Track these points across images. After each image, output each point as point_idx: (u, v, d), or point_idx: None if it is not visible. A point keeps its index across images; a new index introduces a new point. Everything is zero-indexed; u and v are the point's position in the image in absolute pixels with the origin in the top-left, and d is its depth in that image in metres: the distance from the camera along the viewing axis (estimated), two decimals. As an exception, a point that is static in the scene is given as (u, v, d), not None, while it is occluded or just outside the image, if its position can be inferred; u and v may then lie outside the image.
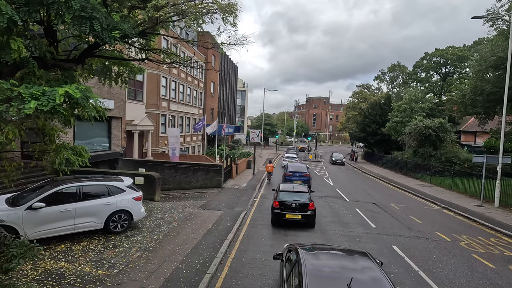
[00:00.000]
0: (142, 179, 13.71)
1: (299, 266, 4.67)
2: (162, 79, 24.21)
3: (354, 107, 64.24)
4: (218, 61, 40.75)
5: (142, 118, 20.89)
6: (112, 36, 4.73)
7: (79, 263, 7.39)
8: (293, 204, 11.26)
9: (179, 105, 27.74)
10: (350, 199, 17.30)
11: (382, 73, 67.25)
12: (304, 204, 11.31)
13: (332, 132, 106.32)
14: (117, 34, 4.73)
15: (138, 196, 9.88)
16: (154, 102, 23.55)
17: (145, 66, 23.12)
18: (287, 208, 11.27)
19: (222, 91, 46.15)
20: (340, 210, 14.63)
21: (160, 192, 14.36)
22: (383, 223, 12.59)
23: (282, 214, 11.26)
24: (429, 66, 57.21)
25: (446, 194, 19.86)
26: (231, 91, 53.58)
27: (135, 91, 21.34)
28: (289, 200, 11.38)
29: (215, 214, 12.58)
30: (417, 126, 28.50)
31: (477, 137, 40.73)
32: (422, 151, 28.42)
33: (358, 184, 24.13)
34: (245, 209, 13.71)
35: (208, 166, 18.61)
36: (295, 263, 4.95)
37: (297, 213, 11.18)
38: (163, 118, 24.93)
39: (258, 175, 25.62)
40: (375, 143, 40.59)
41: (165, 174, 18.84)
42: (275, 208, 11.42)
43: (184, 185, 18.75)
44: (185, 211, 12.61)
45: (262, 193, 18.31)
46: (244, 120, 75.06)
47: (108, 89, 17.55)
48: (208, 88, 36.08)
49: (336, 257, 5.34)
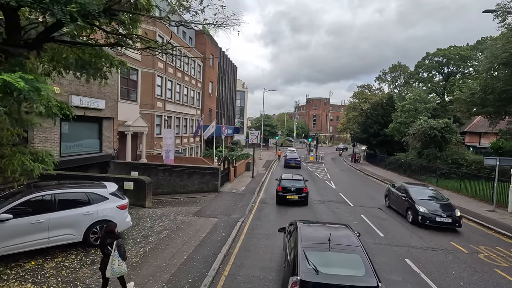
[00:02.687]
0: (132, 184, 12.73)
1: (296, 231, 6.52)
2: (157, 78, 23.26)
3: (355, 107, 63.33)
4: (217, 61, 39.83)
5: (136, 119, 19.93)
6: (68, 12, 3.75)
7: (48, 285, 6.40)
8: (292, 188, 15.41)
9: (175, 105, 26.79)
10: (354, 204, 16.31)
11: (383, 73, 66.36)
12: (300, 188, 15.44)
13: (332, 133, 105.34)
14: (73, 8, 3.75)
15: (123, 204, 8.90)
16: (149, 102, 22.60)
17: (139, 64, 22.21)
18: (288, 191, 15.29)
19: (221, 91, 45.21)
20: (344, 216, 13.64)
21: (151, 197, 13.38)
22: (392, 232, 11.60)
23: (284, 195, 15.27)
24: (431, 66, 56.35)
25: (455, 198, 18.86)
26: (230, 91, 52.64)
27: (129, 91, 20.39)
28: (289, 186, 15.55)
29: (209, 222, 11.59)
30: (422, 126, 27.52)
31: (482, 138, 39.74)
32: (427, 153, 27.43)
33: (362, 187, 23.13)
34: (242, 216, 12.73)
35: (204, 169, 17.63)
36: (294, 230, 6.80)
37: (294, 194, 15.23)
38: (158, 119, 23.96)
39: (258, 177, 24.64)
40: (377, 144, 39.62)
41: (159, 177, 17.87)
42: (279, 192, 15.46)
43: (179, 189, 17.77)
44: (177, 219, 11.62)
45: (262, 197, 17.33)
46: (243, 121, 74.16)
47: (98, 88, 16.61)
48: (206, 88, 35.14)
49: (324, 227, 7.14)
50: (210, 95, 36.60)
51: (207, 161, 22.56)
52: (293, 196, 15.17)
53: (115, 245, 5.73)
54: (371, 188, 22.65)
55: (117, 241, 5.79)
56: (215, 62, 38.60)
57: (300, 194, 15.21)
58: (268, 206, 15.14)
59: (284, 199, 15.21)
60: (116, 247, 5.72)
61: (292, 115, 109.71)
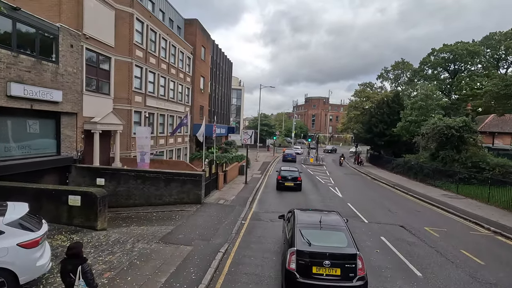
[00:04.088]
0: (79, 199, 9.54)
1: (294, 216, 7.79)
2: (135, 69, 20.05)
3: (356, 106, 60.31)
4: (209, 54, 36.64)
5: (106, 115, 16.73)
6: None
7: None
8: (288, 177, 19.48)
9: (159, 101, 23.60)
10: (369, 220, 13.19)
11: (386, 71, 63.45)
12: (295, 177, 19.54)
13: (332, 133, 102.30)
14: None
15: (31, 240, 5.72)
16: (125, 96, 19.39)
17: (113, 51, 18.87)
18: (286, 180, 19.38)
19: (214, 88, 42.06)
20: (360, 239, 10.52)
21: (106, 215, 10.16)
22: (432, 267, 8.45)
23: (283, 183, 19.39)
24: (436, 62, 53.60)
25: (485, 210, 15.83)
26: (225, 88, 49.49)
27: (98, 82, 17.18)
28: (287, 175, 19.61)
29: (179, 252, 8.44)
30: (437, 125, 24.48)
31: (496, 139, 36.78)
32: (443, 155, 24.38)
33: (372, 195, 20.03)
34: (226, 241, 9.60)
35: (185, 176, 14.45)
36: (292, 215, 8.03)
37: (291, 182, 19.35)
38: (137, 116, 20.75)
39: (252, 183, 21.47)
40: (383, 145, 36.52)
41: (130, 186, 14.70)
42: (279, 180, 19.62)
43: (153, 200, 14.60)
44: (134, 249, 8.45)
45: (254, 210, 14.17)
46: (240, 120, 71.01)
47: (53, 76, 13.44)
48: (197, 83, 31.97)
49: (317, 213, 8.21)
50: (201, 91, 33.41)
51: (192, 165, 19.37)
52: (289, 183, 19.51)
53: (80, 271, 4.75)
54: (383, 196, 19.55)
55: (82, 266, 4.81)
56: (207, 55, 35.43)
57: (295, 182, 19.63)
58: (262, 224, 11.99)
59: (283, 185, 19.48)
60: (82, 273, 4.76)
61: (290, 114, 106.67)
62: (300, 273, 6.11)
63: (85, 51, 15.77)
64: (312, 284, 6.03)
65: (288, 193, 18.64)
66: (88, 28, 15.95)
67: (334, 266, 6.06)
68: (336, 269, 6.06)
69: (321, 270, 6.07)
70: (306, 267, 6.12)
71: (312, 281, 6.03)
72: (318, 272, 6.07)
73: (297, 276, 6.10)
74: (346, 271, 6.07)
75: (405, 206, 16.83)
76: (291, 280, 6.16)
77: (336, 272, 6.05)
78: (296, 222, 7.23)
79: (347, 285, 6.01)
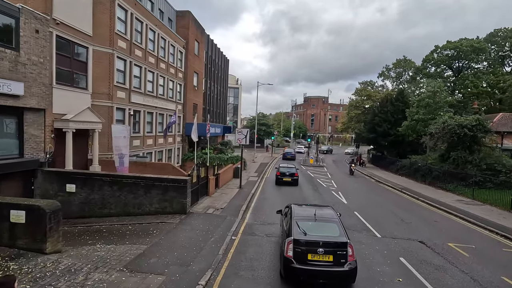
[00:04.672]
0: (23, 215, 7.55)
1: (291, 210, 8.32)
2: (118, 61, 18.07)
3: (357, 105, 58.44)
4: (203, 49, 34.65)
5: (81, 112, 14.75)
6: None
7: None
8: (286, 173, 21.76)
9: (146, 97, 21.63)
10: (382, 234, 11.27)
11: (387, 69, 61.59)
12: (292, 173, 21.81)
13: (331, 133, 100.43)
14: None
15: None
16: (105, 91, 17.41)
17: (90, 40, 16.56)
18: (284, 175, 21.65)
19: (209, 85, 40.09)
20: (375, 261, 8.60)
21: (59, 235, 8.10)
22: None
23: (281, 178, 21.62)
24: (440, 60, 51.89)
25: (511, 219, 13.95)
26: (221, 86, 47.53)
27: (73, 74, 15.18)
28: (285, 171, 21.85)
29: (146, 286, 6.48)
30: (448, 124, 22.62)
31: (505, 139, 34.95)
32: (455, 156, 22.50)
33: (379, 200, 18.13)
34: (210, 266, 7.66)
35: (167, 182, 12.48)
36: (289, 210, 8.56)
37: (288, 177, 21.60)
38: (120, 113, 18.77)
39: (247, 188, 19.52)
40: (387, 145, 34.61)
41: (105, 192, 12.73)
42: (278, 175, 21.86)
43: (132, 209, 12.64)
44: (87, 282, 6.48)
45: (248, 222, 12.22)
46: (237, 120, 69.08)
47: (11, 65, 11.47)
48: (190, 79, 29.99)
49: (312, 207, 8.85)
50: (194, 88, 31.44)
51: (179, 169, 17.43)
52: (287, 179, 21.46)
53: None
54: (391, 202, 17.64)
55: None
56: (201, 51, 33.45)
57: (293, 177, 21.61)
58: (255, 240, 10.06)
59: (281, 180, 21.48)
60: None
61: (289, 114, 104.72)
62: (296, 260, 6.70)
63: (56, 39, 13.77)
64: (307, 270, 6.60)
65: (287, 197, 16.71)
66: (59, 12, 13.96)
67: (327, 253, 6.66)
68: (329, 256, 6.66)
69: (315, 257, 6.66)
70: (302, 254, 6.70)
71: (308, 266, 6.62)
72: (313, 259, 6.66)
73: (294, 262, 6.69)
74: (338, 258, 6.65)
75: (418, 214, 14.92)
76: (288, 266, 6.75)
77: (329, 259, 6.65)
78: (293, 215, 7.83)
79: (338, 270, 6.60)
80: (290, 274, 6.83)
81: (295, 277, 6.81)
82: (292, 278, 6.88)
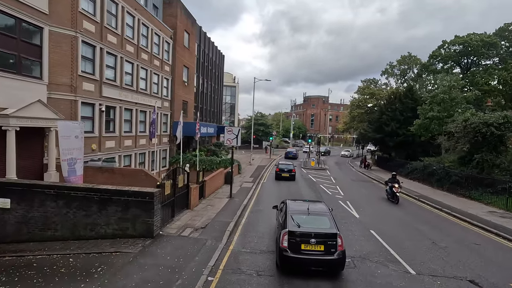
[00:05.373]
0: None
1: (286, 205, 9.00)
2: (83, 47, 15.09)
3: (360, 104, 55.53)
4: (195, 42, 31.68)
5: (27, 105, 11.76)
6: None
7: None
8: (285, 169, 24.66)
9: (124, 91, 18.64)
10: (415, 268, 8.22)
11: (391, 66, 58.70)
12: (290, 169, 24.66)
13: (332, 134, 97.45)
14: None
15: None
16: (66, 81, 14.42)
17: (46, 19, 12.02)
18: (282, 171, 24.51)
19: (202, 81, 37.10)
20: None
21: None
22: None
23: (280, 174, 24.44)
24: (448, 55, 49.07)
25: None
26: (216, 83, 44.54)
27: (20, 59, 12.16)
28: (284, 168, 24.90)
29: None
30: (471, 122, 19.68)
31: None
32: (479, 158, 19.54)
33: (397, 213, 15.16)
34: None
35: (129, 195, 9.49)
36: (284, 205, 9.30)
37: (286, 173, 24.31)
38: (87, 109, 15.77)
39: (239, 197, 16.54)
40: (395, 146, 31.62)
41: (48, 209, 9.72)
42: (277, 171, 24.84)
43: (82, 231, 9.64)
44: None
45: (234, 248, 9.20)
46: (234, 120, 66.07)
47: None
48: (179, 74, 27.04)
49: (306, 202, 9.47)
50: (184, 83, 28.47)
51: (153, 176, 14.43)
52: (285, 174, 24.15)
53: None
54: (413, 216, 14.65)
55: None
56: (192, 43, 30.48)
57: (290, 173, 24.28)
58: (242, 283, 7.05)
59: (280, 176, 24.20)
60: None
61: (289, 114, 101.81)
62: (291, 249, 7.32)
63: (-8, 12, 10.80)
64: (301, 258, 7.26)
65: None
66: (-2, -21, 10.97)
67: (318, 243, 7.31)
68: (321, 246, 7.30)
69: (308, 246, 7.31)
70: (296, 245, 7.33)
71: (301, 255, 7.28)
72: (305, 249, 7.31)
73: (289, 252, 7.30)
74: (328, 247, 7.30)
75: (450, 232, 11.94)
76: (283, 255, 7.34)
77: (320, 248, 7.30)
78: (288, 209, 8.53)
79: (329, 258, 7.25)
80: (285, 263, 7.39)
81: (289, 265, 7.38)
82: (287, 266, 7.43)
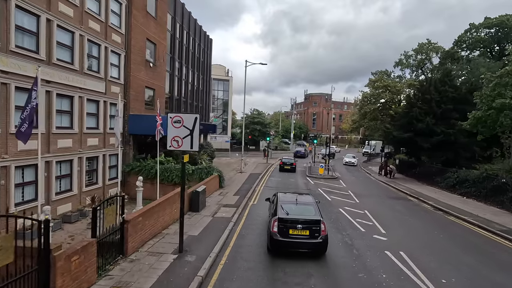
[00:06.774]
0: None
1: (277, 196, 10.51)
2: None
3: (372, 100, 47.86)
4: (166, 11, 24.15)
5: None
6: None
7: None
8: (287, 163, 29.37)
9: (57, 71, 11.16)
10: None
11: (406, 57, 51.10)
12: (291, 163, 29.33)
13: (336, 134, 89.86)
14: None
15: None
16: None
17: None
18: (285, 164, 29.24)
19: (180, 67, 29.57)
20: None
21: None
22: None
23: (283, 166, 29.19)
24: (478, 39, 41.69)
25: None
26: (202, 73, 37.01)
27: None
28: (286, 162, 29.55)
29: None
30: None
31: None
32: None
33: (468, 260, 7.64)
34: None
35: None
36: (275, 197, 10.68)
37: (288, 166, 29.09)
38: None
39: (199, 249, 9.00)
40: (430, 148, 23.92)
41: None
42: (280, 165, 29.70)
43: None
44: None
45: None
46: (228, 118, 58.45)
47: None
48: (138, 49, 19.59)
49: (294, 194, 11.24)
50: (148, 64, 20.87)
51: None
52: (287, 167, 28.99)
53: None
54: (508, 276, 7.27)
55: None
56: (162, 12, 22.90)
57: (292, 166, 29.20)
58: None
59: (283, 168, 29.08)
60: None
61: (289, 114, 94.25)
62: (280, 234, 8.57)
63: None
64: (288, 241, 8.53)
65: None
66: None
67: (304, 228, 8.56)
68: (306, 231, 8.56)
69: (295, 231, 8.55)
70: (284, 230, 8.57)
71: (289, 239, 8.54)
72: (293, 233, 8.56)
73: (278, 236, 8.55)
74: (313, 232, 8.56)
75: None
76: (273, 239, 8.57)
77: (306, 233, 8.56)
78: (279, 200, 9.90)
79: (313, 241, 8.53)
80: (275, 246, 8.63)
81: (279, 247, 8.64)
82: (276, 249, 8.67)
